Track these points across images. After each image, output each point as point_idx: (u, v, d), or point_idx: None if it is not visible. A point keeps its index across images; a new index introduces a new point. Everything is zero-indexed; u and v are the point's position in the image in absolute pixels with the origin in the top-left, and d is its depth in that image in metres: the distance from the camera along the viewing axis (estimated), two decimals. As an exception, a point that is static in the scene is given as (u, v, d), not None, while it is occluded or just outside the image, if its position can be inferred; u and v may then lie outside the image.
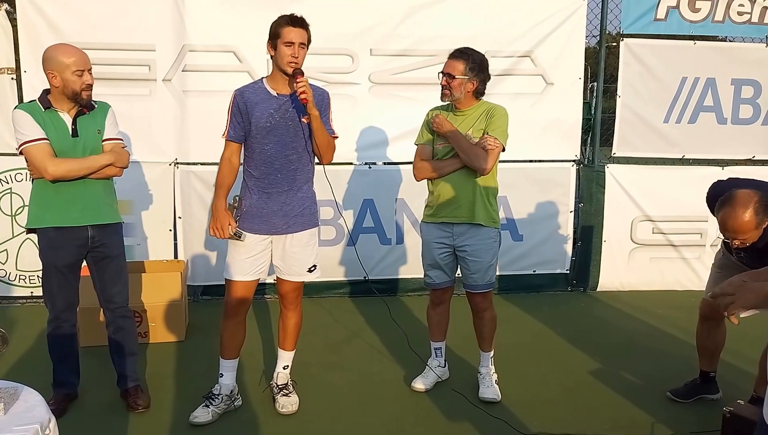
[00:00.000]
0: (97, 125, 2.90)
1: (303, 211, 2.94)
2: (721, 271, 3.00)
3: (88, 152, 2.84)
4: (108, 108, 2.97)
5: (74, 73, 2.74)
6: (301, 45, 2.74)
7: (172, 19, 4.45)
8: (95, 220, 2.90)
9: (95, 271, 3.01)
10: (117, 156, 2.90)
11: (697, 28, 4.98)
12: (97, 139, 2.89)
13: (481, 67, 3.05)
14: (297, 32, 2.71)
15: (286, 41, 2.71)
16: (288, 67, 2.73)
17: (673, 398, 3.23)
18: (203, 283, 4.79)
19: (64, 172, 2.76)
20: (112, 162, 2.88)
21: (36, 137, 2.74)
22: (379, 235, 4.91)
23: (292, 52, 2.71)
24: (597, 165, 5.15)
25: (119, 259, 3.04)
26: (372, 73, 4.73)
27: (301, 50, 2.74)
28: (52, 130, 2.78)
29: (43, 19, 4.33)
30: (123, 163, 2.94)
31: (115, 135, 2.96)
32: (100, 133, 2.89)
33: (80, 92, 2.77)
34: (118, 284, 3.04)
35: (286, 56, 2.72)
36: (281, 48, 2.72)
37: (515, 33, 4.80)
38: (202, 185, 4.63)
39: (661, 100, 5.04)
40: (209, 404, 2.95)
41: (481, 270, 3.14)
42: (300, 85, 2.69)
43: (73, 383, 3.09)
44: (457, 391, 3.29)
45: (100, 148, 2.89)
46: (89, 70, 2.81)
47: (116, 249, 3.01)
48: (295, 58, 2.72)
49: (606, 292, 5.17)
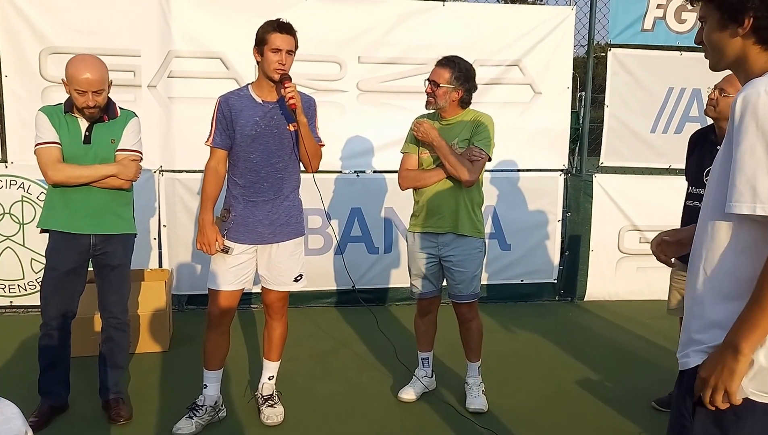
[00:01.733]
0: (113, 134, 2.86)
1: (289, 220, 2.91)
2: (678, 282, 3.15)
3: (98, 160, 2.82)
4: (131, 118, 2.94)
5: (76, 91, 2.72)
6: (289, 52, 2.71)
7: (158, 25, 4.42)
8: (97, 230, 2.87)
9: (98, 278, 2.99)
10: (122, 167, 2.85)
11: (683, 39, 5.03)
12: (110, 149, 2.86)
13: (467, 77, 3.04)
14: (284, 38, 2.69)
15: (273, 48, 2.68)
16: (275, 74, 2.71)
17: (658, 408, 3.23)
18: (188, 292, 4.74)
19: (63, 177, 2.76)
20: (115, 173, 2.84)
21: (47, 140, 2.76)
22: (367, 244, 4.89)
23: (279, 58, 2.68)
24: (585, 174, 5.17)
25: (121, 269, 2.99)
26: (360, 80, 4.72)
27: (288, 57, 2.71)
28: (66, 134, 2.79)
29: (26, 23, 4.28)
30: (128, 175, 2.88)
31: (131, 146, 2.91)
32: (115, 142, 2.86)
33: (82, 109, 2.76)
34: (116, 294, 3.00)
35: (272, 63, 2.69)
36: (268, 54, 2.69)
37: (504, 42, 4.82)
38: (187, 193, 4.58)
39: (648, 110, 5.08)
40: (193, 415, 2.90)
41: (465, 280, 3.12)
42: (288, 90, 2.67)
43: (59, 394, 3.01)
44: (445, 401, 3.26)
45: (111, 158, 2.86)
46: (96, 92, 2.72)
47: (118, 259, 2.97)
48: (282, 65, 2.69)
49: (593, 301, 5.18)
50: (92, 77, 2.70)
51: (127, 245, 3.01)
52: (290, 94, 2.66)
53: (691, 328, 1.41)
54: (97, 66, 2.74)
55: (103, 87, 2.75)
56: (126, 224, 2.98)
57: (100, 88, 2.74)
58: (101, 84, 2.74)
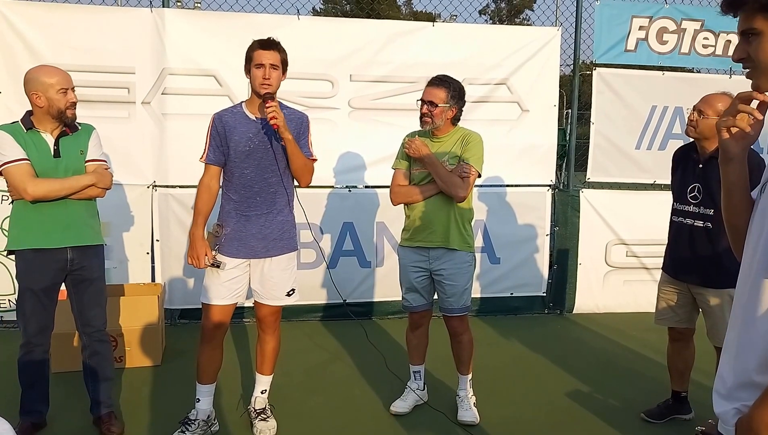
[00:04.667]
0: (80, 146, 2.90)
1: (282, 234, 2.95)
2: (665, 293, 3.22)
3: (70, 173, 2.84)
4: (92, 129, 2.98)
5: (59, 92, 2.76)
6: (273, 66, 2.77)
7: (152, 43, 4.48)
8: (76, 242, 2.87)
9: (73, 294, 2.97)
10: (99, 176, 2.89)
11: (665, 59, 5.17)
12: (80, 160, 2.88)
13: (460, 95, 3.13)
14: (267, 54, 2.76)
15: (257, 63, 2.75)
16: (261, 89, 2.77)
17: (647, 419, 3.28)
18: (181, 306, 4.75)
19: (44, 192, 2.75)
20: (94, 182, 2.87)
21: (16, 158, 2.73)
22: (359, 258, 4.93)
23: (263, 73, 2.75)
24: (572, 189, 5.27)
25: (98, 282, 3.01)
26: (352, 98, 4.80)
27: (273, 71, 2.76)
28: (33, 150, 2.78)
29: (21, 41, 4.33)
30: (105, 183, 2.93)
31: (99, 156, 2.95)
32: (83, 153, 2.89)
33: (65, 110, 2.79)
34: (97, 308, 3.01)
35: (257, 78, 2.76)
36: (253, 71, 2.77)
37: (492, 61, 4.92)
38: (180, 208, 4.61)
39: (632, 127, 5.20)
40: (185, 430, 2.92)
41: (456, 294, 3.17)
42: (269, 110, 2.71)
43: (40, 411, 3.01)
44: (437, 413, 3.29)
45: (82, 169, 2.88)
46: (72, 89, 2.83)
47: (96, 272, 2.99)
48: (266, 80, 2.75)
49: (582, 314, 5.25)
50: (65, 73, 2.82)
51: (100, 257, 3.03)
52: (271, 114, 2.71)
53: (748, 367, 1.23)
54: (58, 67, 2.86)
55: (73, 84, 2.84)
56: (99, 235, 3.01)
57: (73, 85, 2.84)
58: (72, 81, 2.84)
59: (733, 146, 1.34)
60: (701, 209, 3.00)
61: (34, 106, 2.79)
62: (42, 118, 2.80)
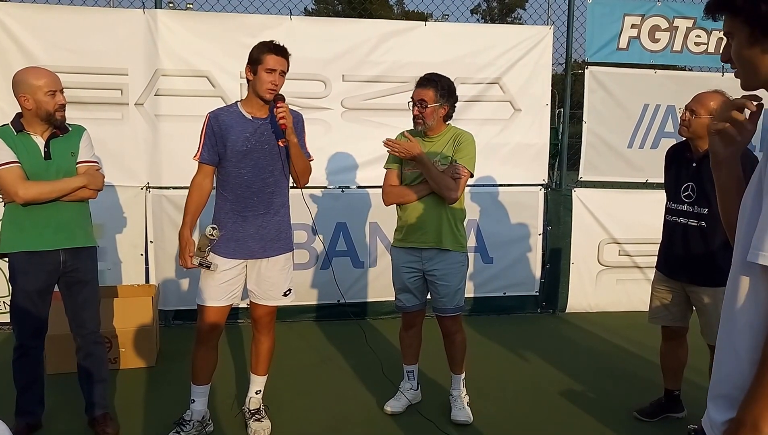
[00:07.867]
0: (71, 148, 2.89)
1: (279, 235, 2.96)
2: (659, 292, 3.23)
3: (61, 175, 2.83)
4: (83, 131, 2.98)
5: (47, 94, 2.75)
6: (282, 73, 2.79)
7: (145, 44, 4.47)
8: (68, 244, 2.87)
9: (67, 297, 2.97)
10: (90, 178, 2.89)
11: (657, 57, 5.19)
12: (71, 162, 2.88)
13: (450, 92, 3.13)
14: (279, 60, 2.77)
15: (268, 68, 2.75)
16: (267, 94, 2.78)
17: (640, 418, 3.30)
18: (175, 307, 4.75)
19: (35, 194, 2.74)
20: (86, 184, 2.86)
21: (6, 161, 2.73)
22: (352, 258, 4.94)
23: (272, 79, 2.76)
24: (564, 189, 5.29)
25: (92, 283, 3.01)
26: (344, 98, 4.81)
27: (280, 78, 2.79)
28: (24, 153, 2.77)
29: (14, 42, 4.32)
30: (97, 185, 2.92)
31: (90, 157, 2.95)
32: (74, 155, 2.89)
33: (54, 113, 2.78)
34: (90, 310, 3.01)
35: (265, 83, 2.76)
36: (261, 74, 2.76)
37: (484, 60, 4.94)
38: (174, 209, 4.61)
39: (624, 126, 5.22)
40: (180, 430, 2.92)
41: (449, 294, 3.18)
42: (280, 110, 2.73)
43: (35, 412, 3.01)
44: (430, 413, 3.31)
45: (73, 171, 2.87)
46: (61, 91, 2.82)
47: (89, 274, 2.99)
48: (275, 86, 2.77)
49: (574, 313, 5.27)
50: (53, 75, 2.80)
51: (93, 259, 3.02)
52: (281, 114, 2.73)
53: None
54: (47, 69, 2.85)
55: (62, 87, 2.84)
56: (91, 237, 3.01)
57: (62, 87, 2.83)
58: (61, 82, 2.83)
59: (723, 151, 1.38)
60: (695, 208, 3.02)
61: (23, 108, 2.79)
62: (31, 121, 2.80)
